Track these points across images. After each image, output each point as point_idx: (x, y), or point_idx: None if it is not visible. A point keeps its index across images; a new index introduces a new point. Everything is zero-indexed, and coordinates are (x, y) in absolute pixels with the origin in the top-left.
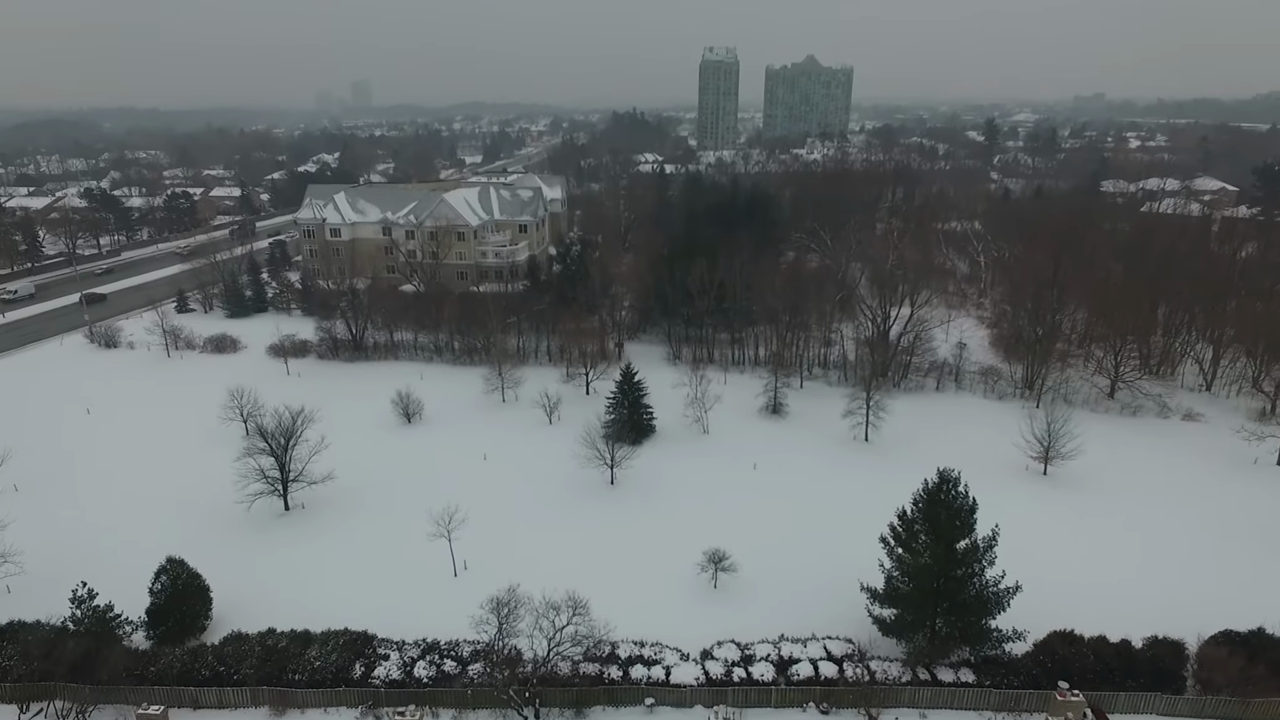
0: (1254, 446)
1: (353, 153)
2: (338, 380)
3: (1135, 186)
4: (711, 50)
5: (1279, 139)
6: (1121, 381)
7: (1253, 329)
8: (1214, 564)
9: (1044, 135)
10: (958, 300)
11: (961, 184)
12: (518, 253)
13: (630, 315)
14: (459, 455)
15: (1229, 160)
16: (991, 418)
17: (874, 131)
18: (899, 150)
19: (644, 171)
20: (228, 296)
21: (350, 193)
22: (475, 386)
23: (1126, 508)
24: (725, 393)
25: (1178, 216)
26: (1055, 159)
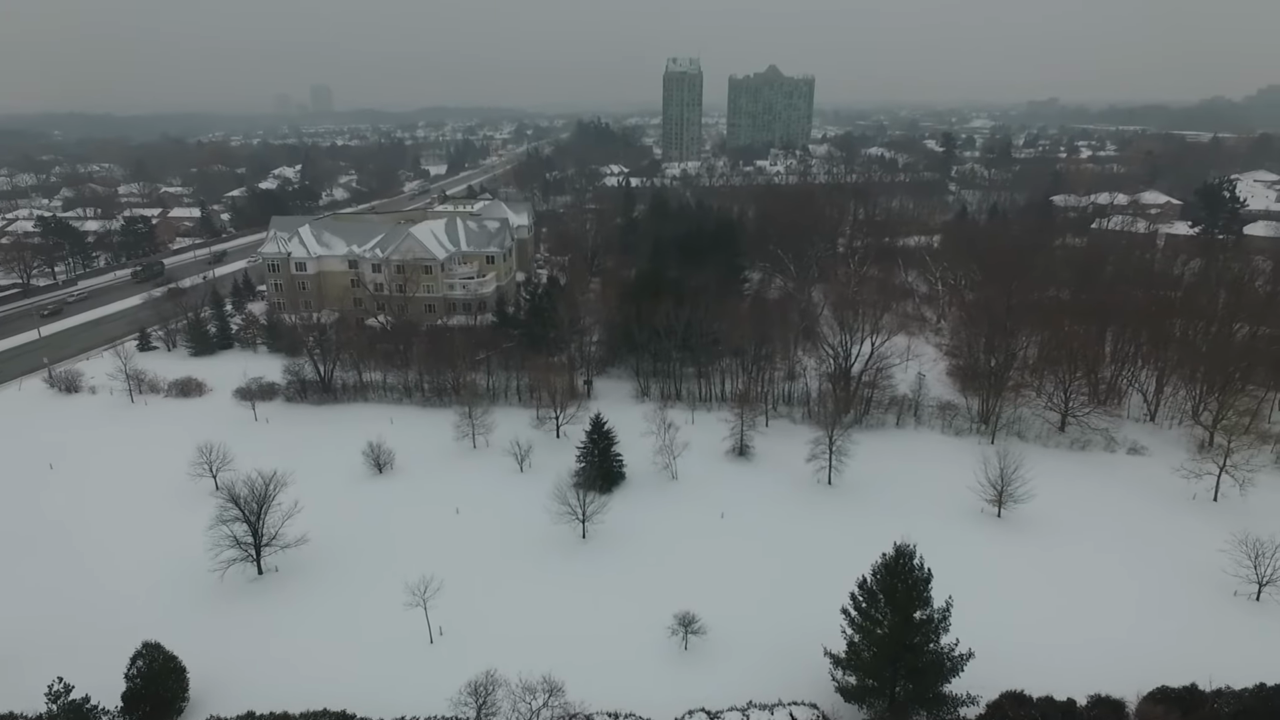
0: (1192, 484)
1: (314, 166)
2: (307, 425)
3: (1086, 201)
4: (675, 61)
5: (1221, 149)
6: (1071, 416)
7: (1191, 360)
8: (1155, 612)
9: (999, 147)
10: (917, 325)
11: (921, 198)
12: (485, 284)
13: (599, 350)
14: (432, 508)
15: (1174, 173)
16: (949, 455)
17: (836, 140)
18: (860, 163)
19: (610, 185)
20: (191, 333)
21: (315, 225)
22: (446, 431)
23: (1075, 553)
24: (693, 433)
25: (1125, 234)
26: (1011, 170)
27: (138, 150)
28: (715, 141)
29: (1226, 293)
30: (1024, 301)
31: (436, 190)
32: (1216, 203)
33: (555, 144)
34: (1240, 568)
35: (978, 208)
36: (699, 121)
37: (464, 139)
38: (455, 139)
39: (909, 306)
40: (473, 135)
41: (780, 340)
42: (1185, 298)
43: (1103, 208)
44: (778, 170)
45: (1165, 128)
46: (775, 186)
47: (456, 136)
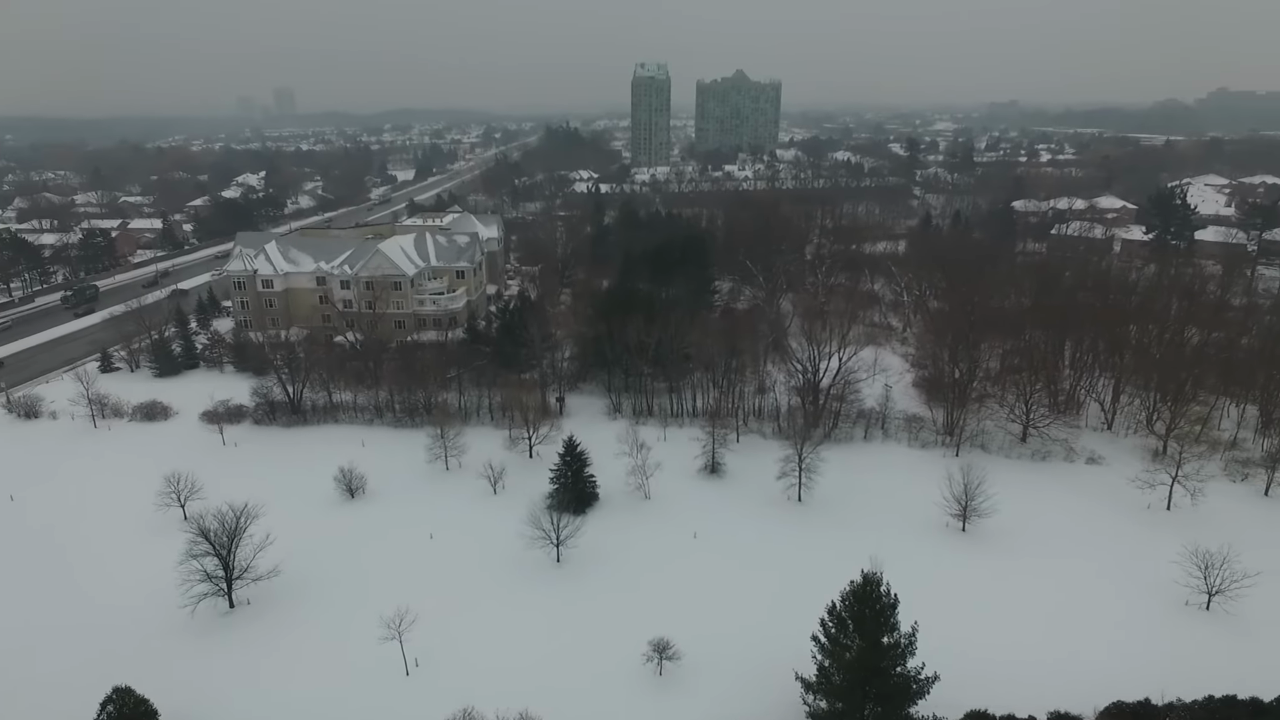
0: (1147, 494)
1: (279, 173)
2: (276, 449)
3: (1046, 206)
4: (643, 66)
5: (1173, 153)
6: (1032, 427)
7: (1145, 369)
8: (1112, 624)
9: (962, 151)
10: (883, 335)
11: (886, 203)
12: (455, 300)
13: (571, 366)
14: (405, 534)
15: (1130, 176)
16: (915, 468)
17: (802, 144)
18: (827, 168)
19: (579, 191)
20: (155, 353)
21: (282, 242)
22: (418, 453)
23: (1035, 567)
24: (665, 451)
25: (1084, 239)
26: (973, 174)
27: (94, 157)
28: (684, 145)
29: (1179, 299)
30: (986, 311)
31: (404, 197)
32: (1169, 209)
33: (524, 149)
34: (1191, 578)
35: (942, 212)
36: (667, 126)
37: (431, 143)
38: (423, 143)
39: (875, 315)
40: (440, 139)
41: (750, 353)
42: (1140, 304)
43: (1062, 213)
44: (746, 175)
45: (1121, 130)
46: (743, 193)
47: (424, 140)
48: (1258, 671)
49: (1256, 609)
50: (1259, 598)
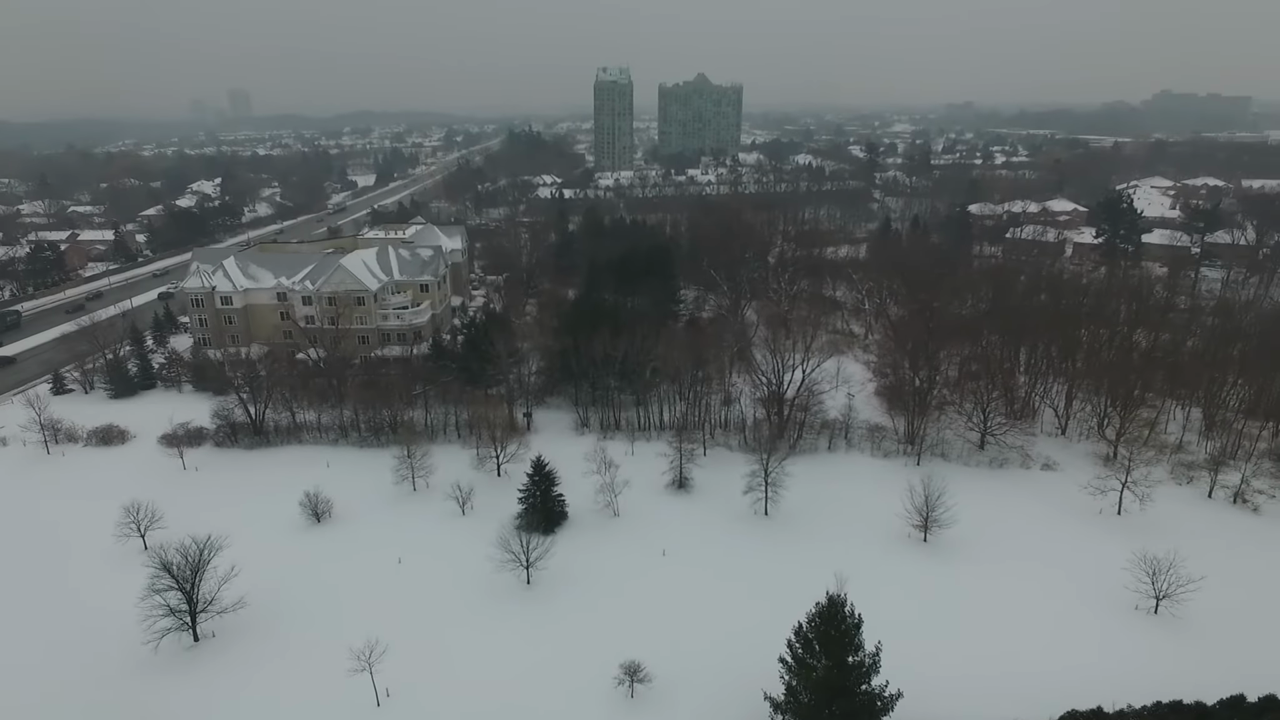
0: (1098, 500)
1: (235, 180)
2: (239, 472)
3: (1001, 209)
4: (605, 70)
5: (1121, 156)
6: (990, 435)
7: (1096, 373)
8: (1067, 632)
9: (919, 154)
10: (846, 343)
11: (847, 207)
12: (420, 314)
13: (538, 380)
14: (373, 559)
15: (1081, 179)
16: (878, 478)
17: (764, 147)
18: (789, 172)
19: (543, 197)
20: (110, 373)
21: (240, 257)
22: (385, 474)
23: (994, 576)
24: (633, 466)
25: (1037, 243)
26: (931, 177)
27: (40, 163)
28: (647, 147)
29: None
30: (944, 319)
31: (365, 204)
32: (1117, 213)
33: (486, 152)
34: (1140, 583)
35: (901, 215)
36: (630, 130)
37: (392, 147)
38: (383, 146)
39: (838, 321)
40: (401, 143)
41: (716, 364)
42: (1090, 308)
43: (1016, 216)
44: (709, 180)
45: (1072, 132)
46: (706, 198)
47: (384, 144)
48: (1203, 674)
49: (1201, 612)
50: (1203, 601)
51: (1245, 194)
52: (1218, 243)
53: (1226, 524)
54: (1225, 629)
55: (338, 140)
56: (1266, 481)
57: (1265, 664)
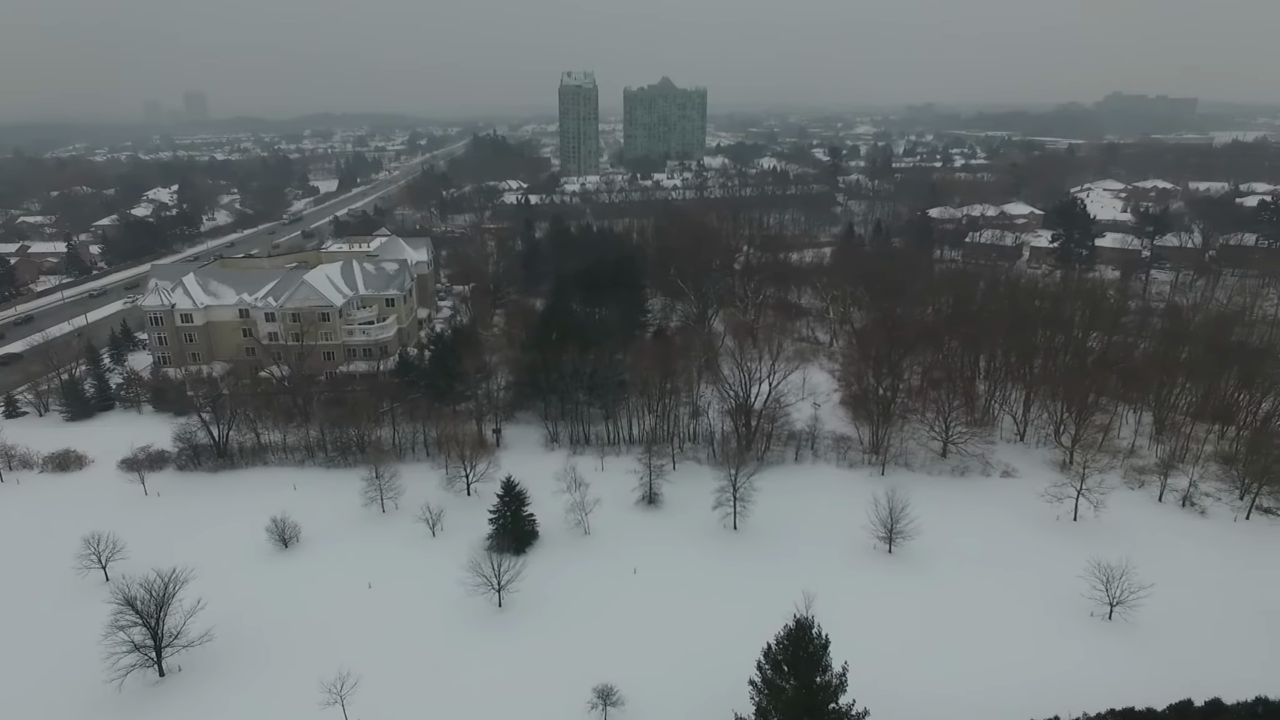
0: (1055, 507)
1: (193, 187)
2: (203, 497)
3: (961, 213)
4: (570, 75)
5: (1075, 159)
6: (951, 443)
7: (1051, 380)
8: (1026, 641)
9: (881, 157)
10: (811, 350)
11: (812, 211)
12: (386, 329)
13: (507, 394)
14: (343, 585)
15: (1037, 182)
16: (844, 489)
17: (729, 150)
18: (754, 176)
19: (509, 203)
20: (66, 395)
21: (201, 274)
22: (353, 496)
23: (956, 587)
24: (603, 482)
25: (995, 247)
26: (892, 180)
27: None
28: (613, 150)
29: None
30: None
31: (327, 210)
32: (1072, 217)
33: (450, 156)
34: (1095, 590)
35: (864, 219)
36: (596, 135)
37: (354, 151)
38: (345, 150)
39: (803, 328)
40: (363, 147)
41: (684, 376)
42: (1047, 311)
43: (975, 220)
44: (675, 184)
45: (1028, 133)
46: (673, 204)
47: (346, 148)
48: (1154, 679)
49: (1152, 616)
50: (1154, 606)
51: (1192, 196)
52: (1167, 246)
53: (1175, 527)
54: (1175, 633)
55: (298, 144)
56: (1213, 484)
57: (1212, 666)
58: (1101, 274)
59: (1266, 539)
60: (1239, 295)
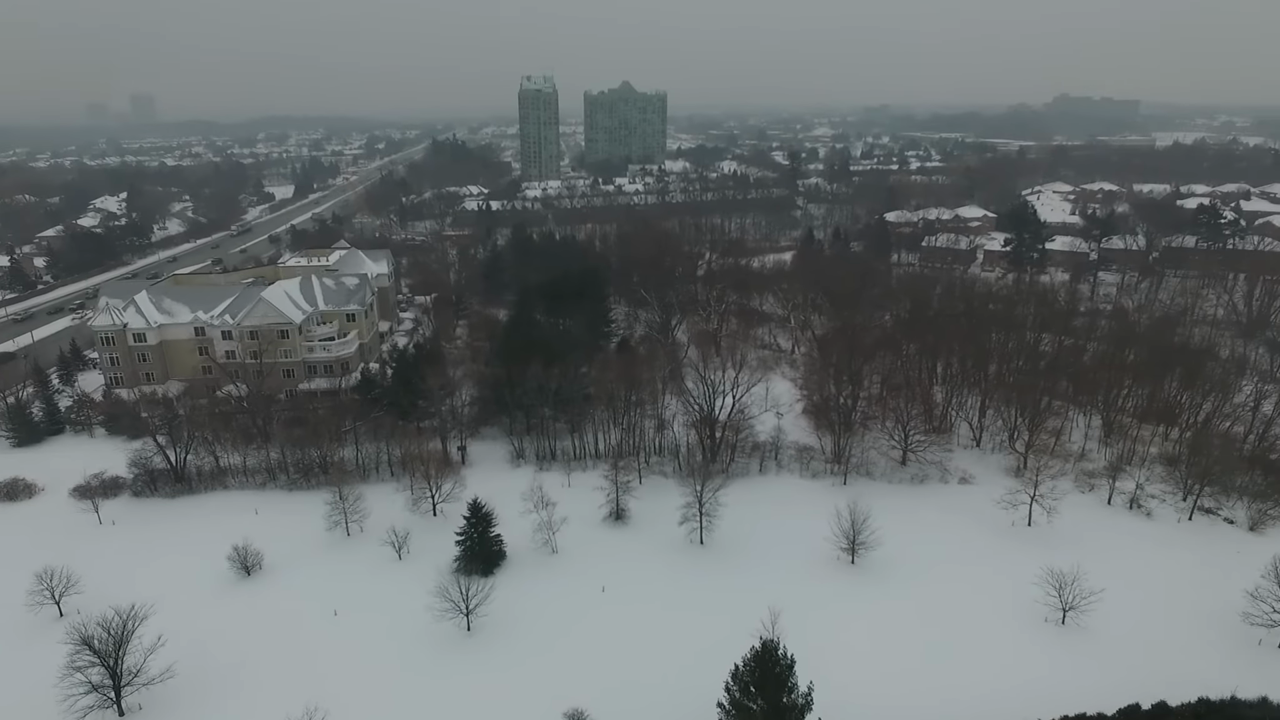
0: (1010, 513)
1: (142, 195)
2: (161, 525)
3: (917, 217)
4: (530, 79)
5: (1026, 161)
6: (911, 451)
7: (1005, 387)
8: (984, 648)
9: (839, 160)
10: (773, 358)
11: (772, 215)
12: (347, 344)
13: (471, 410)
14: (308, 614)
15: (990, 185)
16: (807, 500)
17: (690, 153)
18: (715, 181)
19: (470, 209)
20: (12, 419)
21: (154, 292)
22: (317, 520)
23: (917, 596)
24: (570, 499)
25: (951, 250)
26: (850, 183)
27: None
28: (575, 153)
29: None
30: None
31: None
32: (1023, 220)
33: (409, 160)
34: (1048, 596)
35: (823, 222)
36: (556, 139)
37: (311, 155)
38: (301, 154)
39: (765, 334)
40: (320, 151)
41: (649, 387)
42: (1000, 315)
43: (931, 223)
44: (637, 189)
45: (980, 135)
46: (635, 210)
47: (302, 152)
48: (1105, 683)
49: (1102, 620)
50: (1104, 610)
51: (1136, 199)
52: (1113, 249)
53: (1123, 530)
54: (1124, 636)
55: (252, 148)
56: (1158, 486)
57: (1159, 668)
58: (1052, 277)
59: (1208, 539)
60: (1180, 297)
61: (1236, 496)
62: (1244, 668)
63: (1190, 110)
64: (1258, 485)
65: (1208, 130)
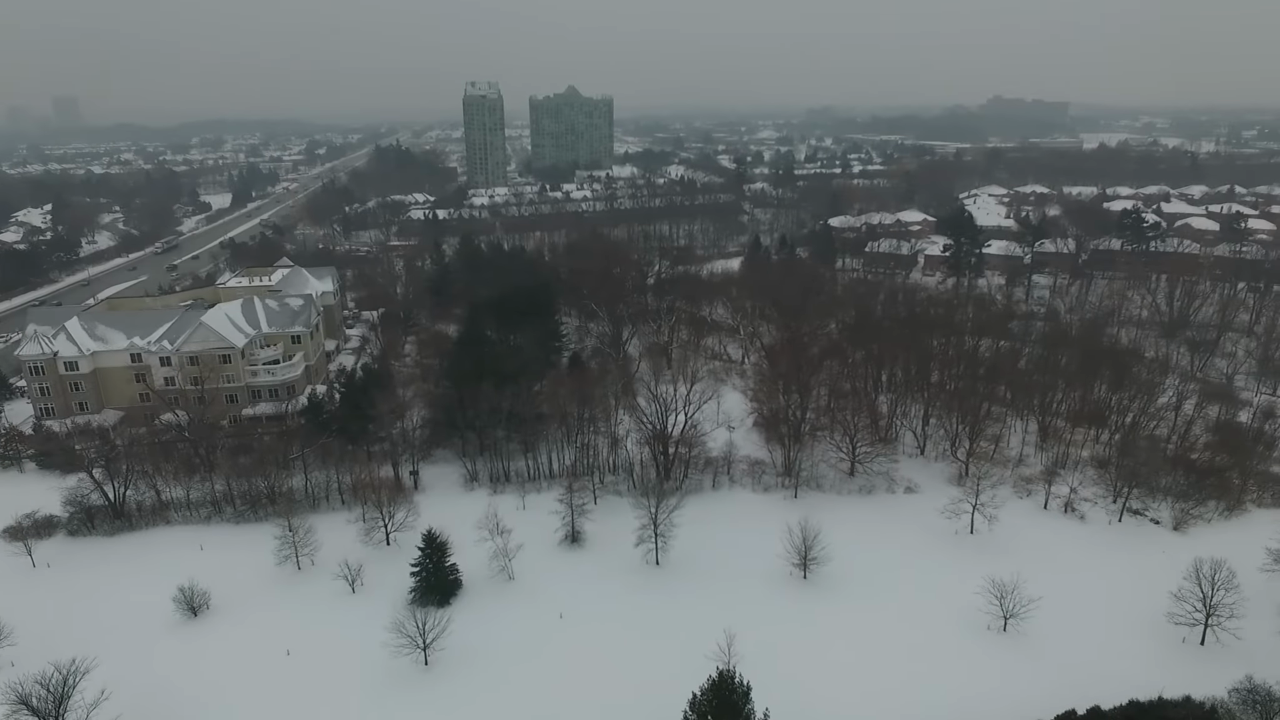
0: (954, 521)
1: (68, 207)
2: (100, 565)
3: (860, 222)
4: (474, 85)
5: (962, 163)
6: (858, 462)
7: (947, 397)
8: (932, 659)
9: (784, 164)
10: (724, 370)
11: (720, 220)
12: (293, 367)
13: (422, 433)
14: (259, 655)
15: (929, 188)
16: (760, 515)
17: (636, 158)
18: (662, 186)
19: (416, 218)
20: None
21: (86, 318)
22: (265, 554)
23: (868, 609)
24: (525, 523)
25: (893, 255)
26: (795, 188)
27: None
28: (521, 158)
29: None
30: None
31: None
32: (960, 227)
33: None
34: (990, 605)
35: (770, 227)
36: (503, 146)
37: (248, 161)
38: (238, 161)
39: (715, 343)
40: (258, 157)
41: (601, 404)
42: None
43: (874, 228)
44: (585, 195)
45: (919, 137)
46: (583, 217)
47: (239, 158)
48: (1045, 689)
49: (1040, 627)
50: (1043, 616)
51: (1067, 201)
52: (1045, 252)
53: (1059, 534)
54: (1062, 641)
55: (185, 154)
56: (1090, 489)
57: (1094, 671)
58: (989, 280)
59: (1136, 541)
60: (1108, 299)
61: (1162, 497)
62: (1170, 667)
63: (1115, 112)
64: (1180, 486)
65: (1130, 131)
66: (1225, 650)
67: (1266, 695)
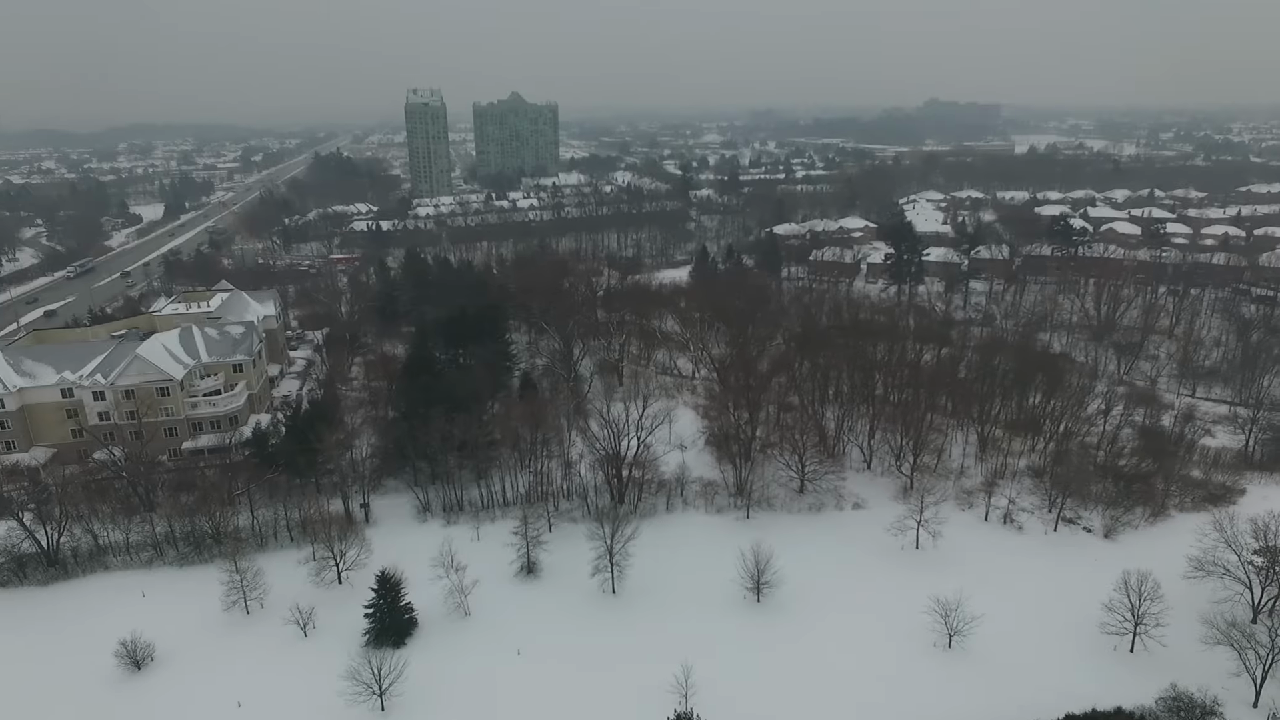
0: (899, 538)
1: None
2: (33, 620)
3: (804, 229)
4: (416, 93)
5: (901, 168)
6: (807, 480)
7: (891, 411)
8: (881, 678)
9: (729, 170)
10: (675, 386)
11: (667, 228)
12: (235, 398)
13: (372, 463)
14: (209, 709)
15: (869, 194)
16: (712, 538)
17: (583, 163)
18: (609, 194)
19: (359, 229)
20: None
21: (10, 352)
22: (212, 599)
23: (819, 630)
24: (480, 556)
25: (837, 264)
26: (740, 194)
27: None
28: (466, 164)
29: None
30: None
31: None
32: (900, 234)
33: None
34: (935, 622)
35: (716, 234)
36: (447, 154)
37: (180, 170)
38: (170, 169)
39: (665, 357)
40: (190, 164)
41: (553, 425)
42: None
43: (818, 236)
44: (531, 204)
45: (859, 140)
46: (530, 227)
47: (171, 165)
48: (986, 704)
49: (982, 642)
50: (985, 631)
51: (1000, 206)
52: (981, 258)
53: (999, 546)
54: (1003, 655)
55: (112, 162)
56: (1028, 499)
57: (1034, 683)
58: (929, 288)
59: (1070, 550)
60: (1040, 304)
61: (1093, 505)
62: (1103, 677)
63: (1044, 113)
64: (1110, 493)
65: (1059, 134)
66: (1152, 658)
67: (1189, 702)
